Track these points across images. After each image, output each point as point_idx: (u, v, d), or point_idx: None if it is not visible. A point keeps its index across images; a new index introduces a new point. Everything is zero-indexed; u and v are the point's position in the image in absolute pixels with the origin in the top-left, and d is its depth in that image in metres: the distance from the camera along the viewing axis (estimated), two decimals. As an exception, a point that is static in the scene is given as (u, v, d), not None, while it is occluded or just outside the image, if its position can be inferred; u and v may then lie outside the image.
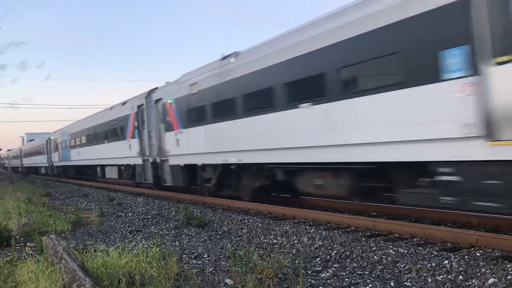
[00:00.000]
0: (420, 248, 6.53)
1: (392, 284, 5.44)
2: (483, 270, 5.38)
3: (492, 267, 5.41)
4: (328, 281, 5.54)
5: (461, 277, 5.33)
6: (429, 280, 5.45)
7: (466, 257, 5.91)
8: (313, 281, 5.55)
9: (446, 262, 5.79)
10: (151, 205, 14.74)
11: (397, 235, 7.57)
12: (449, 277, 5.39)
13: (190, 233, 9.50)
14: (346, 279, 5.64)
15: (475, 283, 5.13)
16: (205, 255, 7.20)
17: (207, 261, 6.79)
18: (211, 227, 10.24)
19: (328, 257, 6.92)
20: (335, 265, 6.44)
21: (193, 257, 7.13)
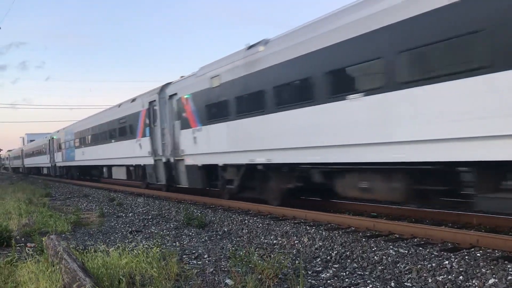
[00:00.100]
0: (420, 248, 6.53)
1: (392, 284, 5.44)
2: (484, 270, 5.38)
3: (492, 267, 5.42)
4: (328, 282, 5.55)
5: (461, 277, 5.33)
6: (430, 280, 5.45)
7: (466, 257, 5.92)
8: (313, 282, 5.55)
9: (446, 262, 5.79)
10: (151, 206, 14.74)
11: (398, 236, 7.57)
12: (449, 277, 5.39)
13: (190, 234, 9.50)
14: (346, 280, 5.64)
15: (476, 284, 5.13)
16: (206, 256, 7.20)
17: (207, 261, 6.80)
18: (212, 228, 10.25)
19: (328, 258, 6.92)
20: (336, 266, 6.44)
21: (193, 257, 7.13)
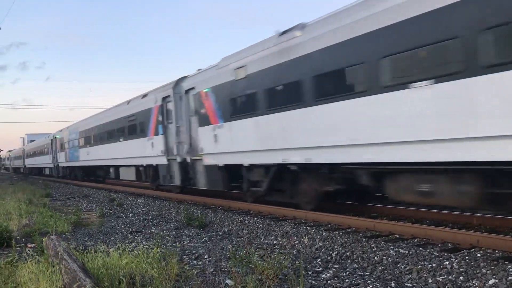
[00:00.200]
0: (420, 248, 6.53)
1: (392, 285, 5.45)
2: (484, 271, 5.38)
3: (492, 268, 5.41)
4: (328, 282, 5.55)
5: (461, 277, 5.33)
6: (430, 280, 5.45)
7: (466, 257, 5.91)
8: (313, 282, 5.55)
9: (446, 262, 5.79)
10: (151, 206, 14.74)
11: (398, 236, 7.57)
12: (449, 277, 5.39)
13: (190, 234, 9.50)
14: (346, 280, 5.64)
15: (476, 284, 5.13)
16: (206, 256, 7.20)
17: (207, 261, 6.80)
18: (212, 228, 10.25)
19: (328, 258, 6.92)
20: (336, 266, 6.44)
21: (193, 257, 7.13)
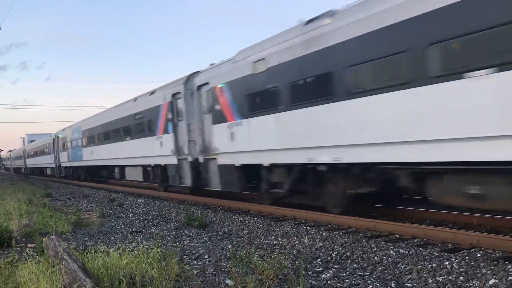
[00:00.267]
0: (420, 249, 6.53)
1: (393, 285, 5.45)
2: (484, 271, 5.38)
3: (493, 268, 5.41)
4: (328, 282, 5.55)
5: (461, 278, 5.33)
6: (430, 281, 5.45)
7: (466, 258, 5.91)
8: (313, 282, 5.55)
9: (446, 263, 5.79)
10: (151, 206, 14.75)
11: (398, 236, 7.57)
12: (449, 278, 5.39)
13: (190, 234, 9.50)
14: (346, 280, 5.64)
15: (476, 284, 5.13)
16: (206, 256, 7.21)
17: (207, 262, 6.80)
18: (212, 228, 10.25)
19: (328, 258, 6.92)
20: (336, 266, 6.44)
21: (193, 258, 7.14)
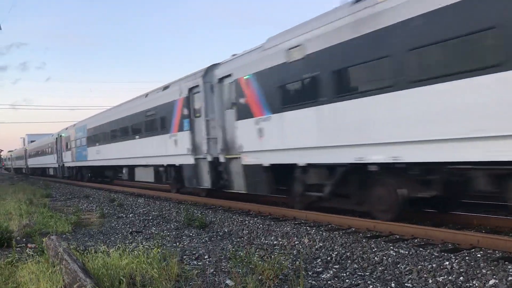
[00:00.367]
0: (421, 249, 6.53)
1: (393, 285, 5.45)
2: (484, 271, 5.38)
3: (493, 268, 5.41)
4: (328, 282, 5.55)
5: (461, 278, 5.33)
6: (430, 281, 5.45)
7: (466, 258, 5.91)
8: (313, 282, 5.55)
9: (447, 263, 5.79)
10: (151, 206, 14.75)
11: (398, 236, 7.57)
12: (449, 278, 5.39)
13: (191, 234, 9.50)
14: (346, 280, 5.64)
15: (476, 284, 5.13)
16: (206, 256, 7.21)
17: (207, 262, 6.80)
18: (212, 228, 10.25)
19: (328, 258, 6.92)
20: (336, 266, 6.44)
21: (194, 258, 7.14)
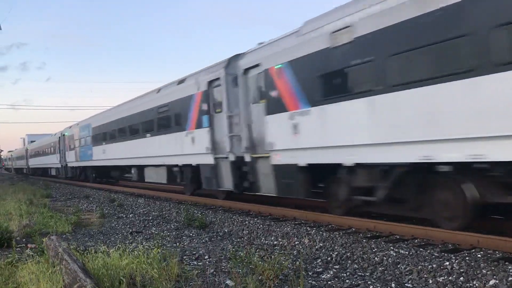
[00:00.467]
0: (421, 249, 6.53)
1: (393, 285, 5.44)
2: (484, 271, 5.38)
3: (493, 268, 5.41)
4: (329, 283, 5.55)
5: (462, 278, 5.33)
6: (430, 281, 5.45)
7: (467, 258, 5.91)
8: (314, 282, 5.55)
9: (447, 263, 5.79)
10: (152, 206, 14.75)
11: (398, 237, 7.57)
12: (450, 278, 5.39)
13: (191, 235, 9.50)
14: (347, 280, 5.64)
15: (476, 285, 5.13)
16: (206, 256, 7.21)
17: (208, 262, 6.80)
18: (212, 229, 10.25)
19: (329, 259, 6.92)
20: (336, 267, 6.44)
21: (194, 258, 7.14)
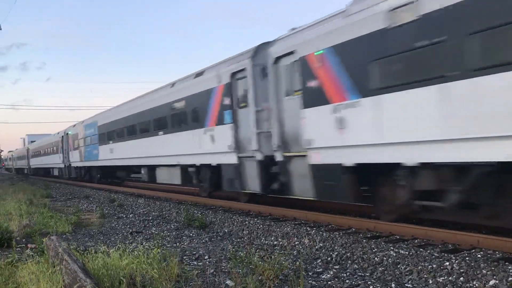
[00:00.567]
0: (421, 249, 6.53)
1: (393, 285, 5.44)
2: (484, 271, 5.38)
3: (493, 268, 5.41)
4: (329, 283, 5.55)
5: (462, 278, 5.33)
6: (430, 281, 5.45)
7: (467, 258, 5.91)
8: (314, 283, 5.55)
9: (447, 263, 5.79)
10: (152, 207, 14.75)
11: (398, 237, 7.57)
12: (450, 278, 5.38)
13: (191, 235, 9.50)
14: (347, 281, 5.64)
15: (476, 285, 5.13)
16: (206, 257, 7.21)
17: (208, 262, 6.80)
18: (212, 229, 10.25)
19: (329, 259, 6.92)
20: (336, 267, 6.44)
21: (194, 258, 7.14)
